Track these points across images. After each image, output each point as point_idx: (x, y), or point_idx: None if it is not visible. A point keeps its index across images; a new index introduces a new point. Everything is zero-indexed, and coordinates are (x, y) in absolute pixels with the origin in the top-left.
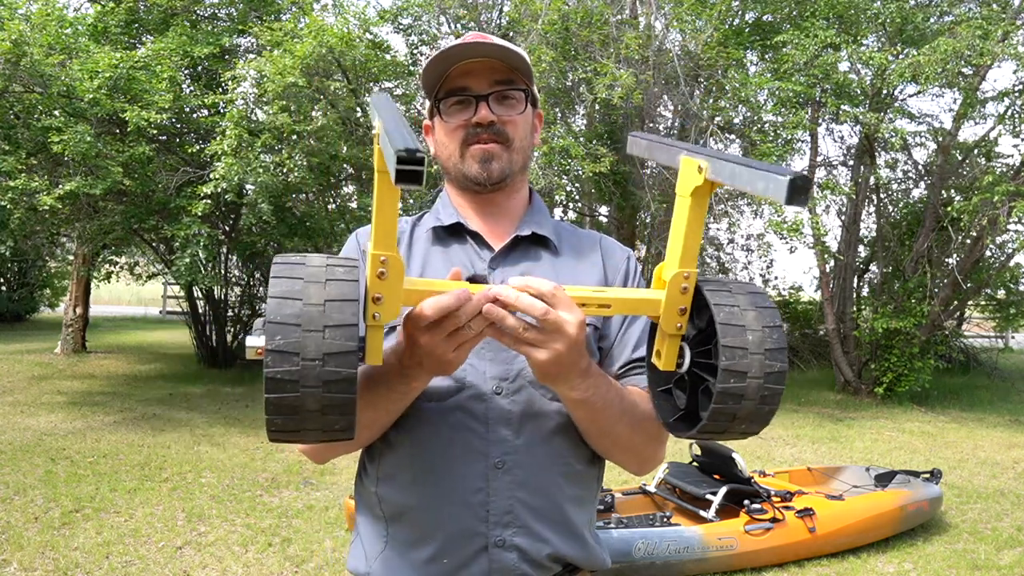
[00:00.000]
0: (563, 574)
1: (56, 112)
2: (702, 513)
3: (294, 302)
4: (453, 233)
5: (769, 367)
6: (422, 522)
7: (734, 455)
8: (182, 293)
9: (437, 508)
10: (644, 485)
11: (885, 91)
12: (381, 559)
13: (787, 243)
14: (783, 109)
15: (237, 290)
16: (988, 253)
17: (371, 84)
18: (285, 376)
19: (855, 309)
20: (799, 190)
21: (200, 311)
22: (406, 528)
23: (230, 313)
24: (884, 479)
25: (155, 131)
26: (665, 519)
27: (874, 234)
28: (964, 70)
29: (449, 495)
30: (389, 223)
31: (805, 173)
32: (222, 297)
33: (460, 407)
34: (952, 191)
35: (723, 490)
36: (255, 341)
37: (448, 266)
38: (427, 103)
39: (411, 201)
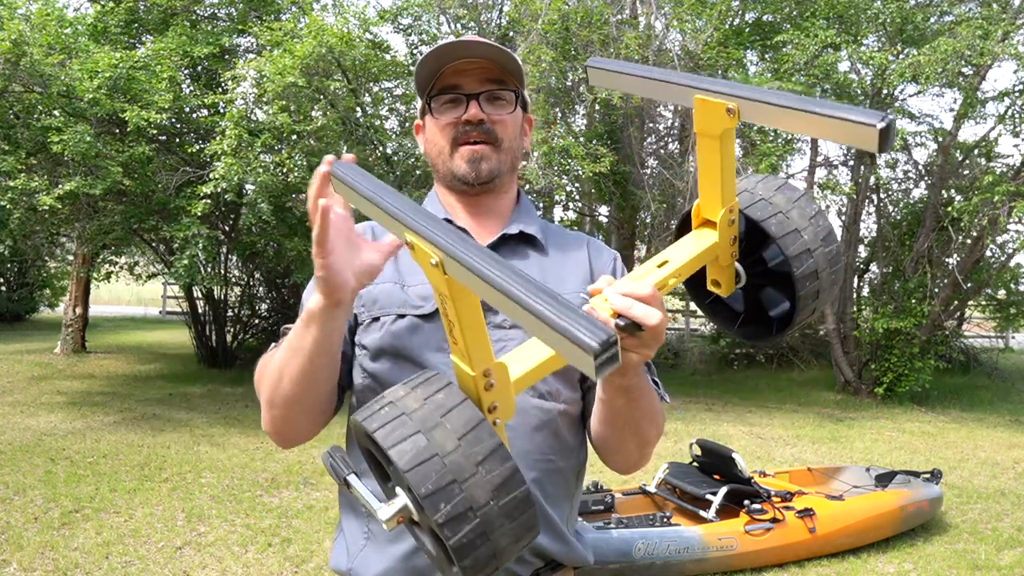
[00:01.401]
0: (545, 570)
1: (56, 112)
2: (702, 513)
3: (432, 461)
4: None
5: (822, 230)
6: None
7: (734, 455)
8: (182, 293)
9: None
10: (644, 485)
11: (885, 91)
12: (362, 555)
13: None
14: None
15: (237, 290)
16: (988, 253)
17: (371, 84)
18: (472, 536)
19: (855, 309)
20: (889, 135)
21: (200, 311)
22: None
23: (230, 313)
24: (884, 479)
25: (155, 131)
26: (665, 519)
27: (874, 234)
28: (964, 70)
29: None
30: (481, 337)
31: (891, 115)
32: (222, 297)
33: None
34: (952, 191)
35: (723, 490)
36: (388, 511)
37: None
38: (419, 102)
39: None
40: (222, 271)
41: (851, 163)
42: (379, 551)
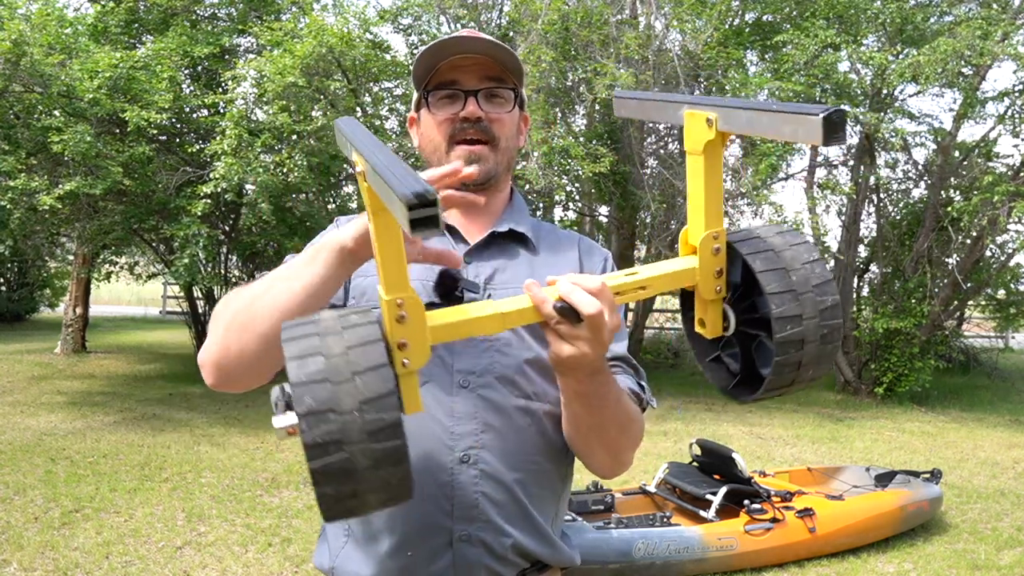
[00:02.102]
0: (531, 571)
1: (56, 112)
2: (702, 513)
3: (315, 358)
4: None
5: (822, 303)
6: (384, 517)
7: (734, 455)
8: (182, 293)
9: None
10: (644, 485)
11: (885, 91)
12: (344, 554)
13: None
14: None
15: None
16: (988, 253)
17: (371, 84)
18: (326, 438)
19: (855, 309)
20: (835, 127)
21: (200, 311)
22: (368, 522)
23: None
24: (884, 479)
25: (155, 131)
26: (665, 519)
27: (874, 234)
28: (964, 70)
29: (414, 488)
30: (397, 262)
31: (840, 107)
32: (222, 297)
33: (426, 399)
34: (952, 191)
35: (723, 490)
36: (283, 420)
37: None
38: (415, 95)
39: None
40: (222, 271)
41: (851, 163)
42: (360, 549)
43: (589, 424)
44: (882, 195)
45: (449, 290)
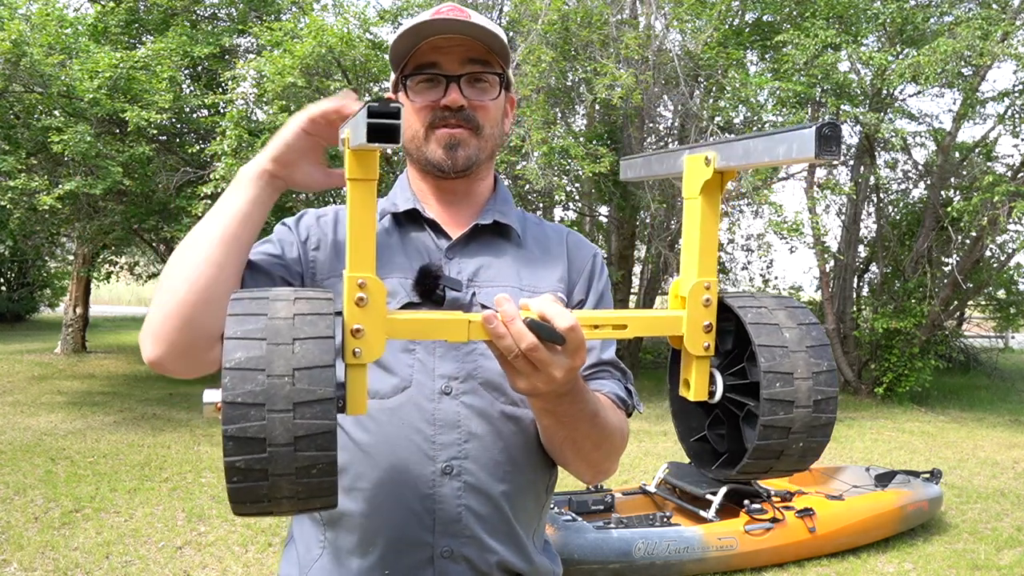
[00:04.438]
0: None
1: (56, 112)
2: (702, 513)
3: (256, 343)
4: (410, 220)
5: (816, 365)
6: (363, 529)
7: None
8: None
9: (380, 514)
10: (644, 485)
11: (885, 91)
12: (317, 567)
13: (787, 243)
14: (783, 109)
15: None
16: (988, 253)
17: (371, 84)
18: (247, 398)
19: (855, 309)
20: (828, 140)
21: None
22: (345, 534)
23: None
24: (884, 479)
25: (155, 131)
26: (665, 519)
27: (874, 234)
28: (964, 70)
29: (393, 501)
30: (367, 238)
31: (834, 120)
32: None
33: (406, 407)
34: (952, 191)
35: (723, 490)
36: (213, 395)
37: (403, 254)
38: (392, 76)
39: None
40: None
41: (851, 163)
42: (334, 562)
43: (563, 437)
44: (882, 195)
45: (430, 288)
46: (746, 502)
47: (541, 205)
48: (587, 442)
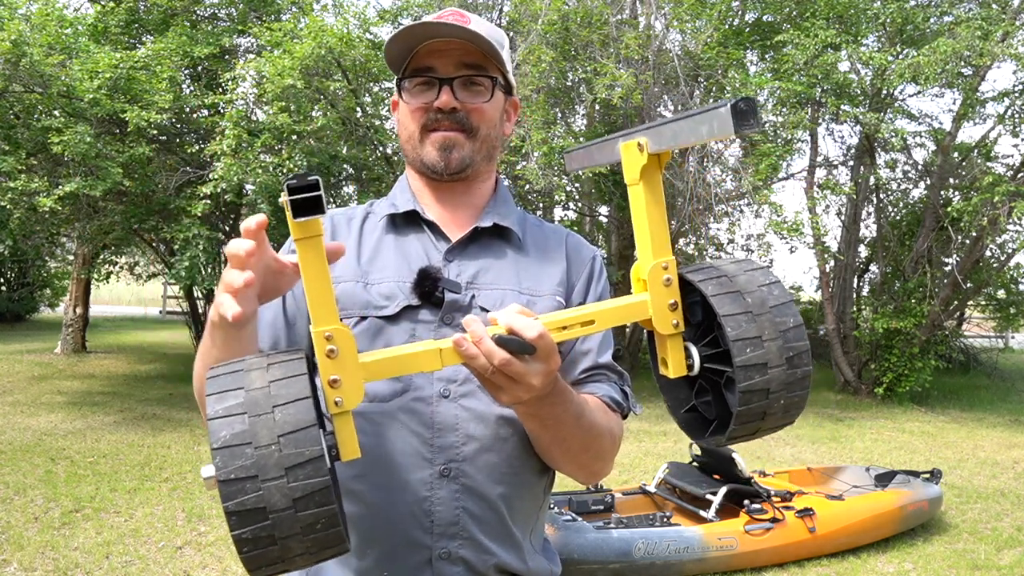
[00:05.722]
0: None
1: (56, 112)
2: (702, 513)
3: (235, 392)
4: (408, 221)
5: (782, 323)
6: (361, 531)
7: (734, 455)
8: (182, 293)
9: (378, 517)
10: (644, 485)
11: (885, 91)
12: (313, 571)
13: (787, 243)
14: (783, 109)
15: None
16: (988, 253)
17: (371, 84)
18: (240, 473)
19: (855, 309)
20: (744, 114)
21: (200, 311)
22: None
23: None
24: (884, 479)
25: (155, 131)
26: (665, 519)
27: (874, 234)
28: (964, 70)
29: (391, 503)
30: (324, 291)
31: (749, 96)
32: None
33: (404, 410)
34: (952, 191)
35: (723, 490)
36: (209, 471)
37: (401, 256)
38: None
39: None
40: (222, 271)
41: (851, 163)
42: (334, 567)
43: (549, 440)
44: (882, 195)
45: (429, 291)
46: (746, 502)
47: (541, 205)
48: (574, 443)
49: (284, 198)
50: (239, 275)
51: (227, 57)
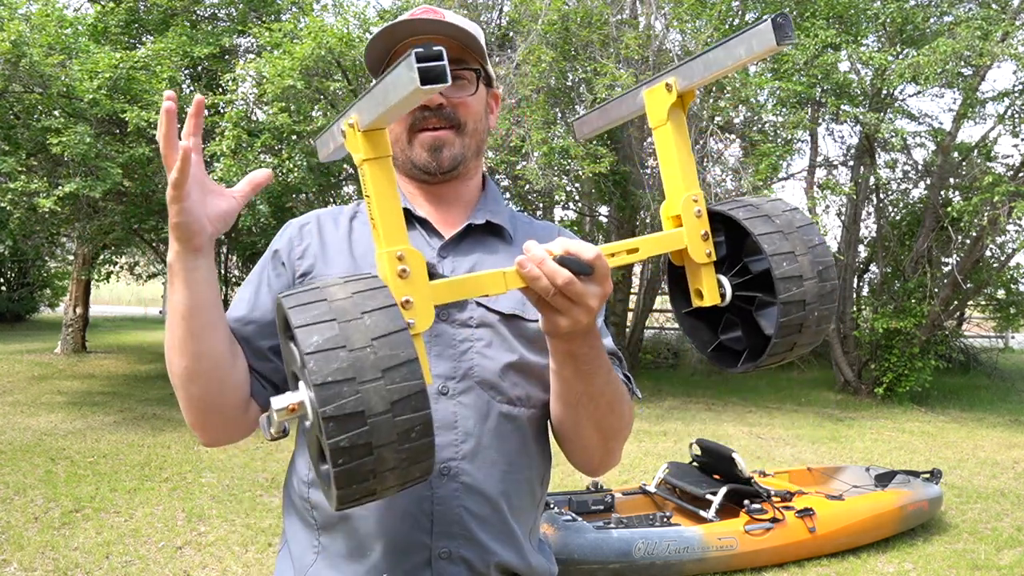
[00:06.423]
0: None
1: (56, 112)
2: (702, 513)
3: (327, 324)
4: None
5: (820, 263)
6: (359, 532)
7: (734, 455)
8: None
9: (376, 517)
10: (644, 485)
11: (885, 91)
12: (312, 572)
13: None
14: (783, 109)
15: (237, 290)
16: (988, 253)
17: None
18: (347, 409)
19: (855, 309)
20: (784, 27)
21: None
22: (341, 539)
23: None
24: (884, 479)
25: (155, 131)
26: (665, 519)
27: (874, 234)
28: (964, 70)
29: (390, 503)
30: (394, 212)
31: (782, 11)
32: (222, 297)
33: None
34: (952, 191)
35: (723, 490)
36: (283, 400)
37: None
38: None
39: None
40: (222, 271)
41: (851, 163)
42: (331, 569)
43: (580, 392)
44: (882, 195)
45: None
46: (746, 502)
47: (541, 205)
48: (603, 400)
49: (407, 67)
50: (172, 149)
51: (227, 57)
